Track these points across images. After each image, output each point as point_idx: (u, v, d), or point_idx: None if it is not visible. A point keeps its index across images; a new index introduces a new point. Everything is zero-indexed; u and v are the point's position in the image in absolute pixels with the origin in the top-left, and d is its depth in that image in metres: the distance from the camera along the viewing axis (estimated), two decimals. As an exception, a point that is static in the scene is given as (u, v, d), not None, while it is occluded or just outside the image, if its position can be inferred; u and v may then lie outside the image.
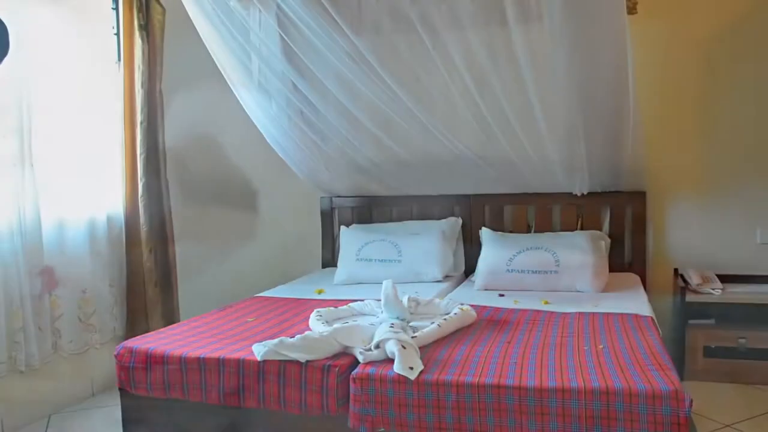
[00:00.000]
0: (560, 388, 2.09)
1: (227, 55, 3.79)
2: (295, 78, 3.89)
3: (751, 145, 3.91)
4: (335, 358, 2.38)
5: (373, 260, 3.94)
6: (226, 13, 3.61)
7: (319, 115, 4.02)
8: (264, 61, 3.89)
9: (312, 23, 3.50)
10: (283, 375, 2.36)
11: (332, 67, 3.78)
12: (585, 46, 3.37)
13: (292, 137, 4.14)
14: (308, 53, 3.76)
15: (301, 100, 3.98)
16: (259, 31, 3.79)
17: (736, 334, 3.54)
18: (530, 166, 3.93)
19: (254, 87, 3.93)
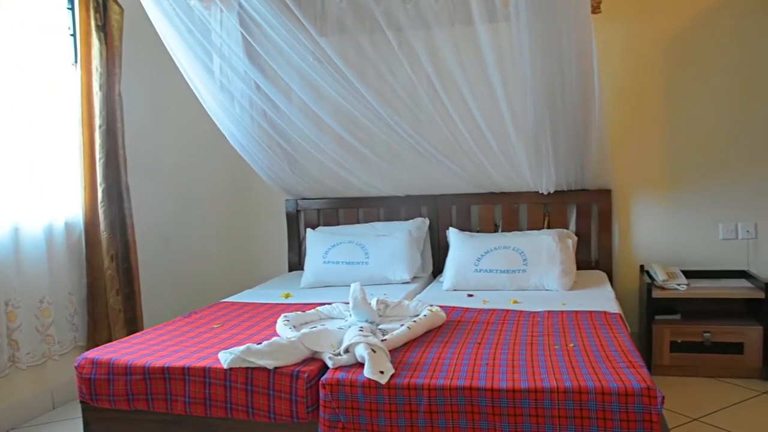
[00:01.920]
0: (533, 389, 2.08)
1: (188, 56, 3.71)
2: (258, 78, 3.84)
3: (713, 143, 3.97)
4: (304, 364, 2.34)
5: (340, 263, 3.90)
6: (186, 13, 3.54)
7: (283, 115, 3.97)
8: (226, 62, 3.82)
9: (275, 23, 3.46)
10: (251, 383, 2.31)
11: (296, 67, 3.74)
12: (550, 45, 3.39)
13: (255, 139, 4.07)
14: (271, 53, 3.71)
15: (264, 101, 3.93)
16: (221, 30, 3.73)
17: (701, 328, 3.58)
18: (497, 165, 3.94)
19: (216, 88, 3.86)
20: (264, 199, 4.61)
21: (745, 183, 3.95)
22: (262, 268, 4.59)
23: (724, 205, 3.99)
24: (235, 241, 4.70)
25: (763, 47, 3.85)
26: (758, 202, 3.95)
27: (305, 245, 4.24)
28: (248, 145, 4.12)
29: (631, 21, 3.96)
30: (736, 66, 3.90)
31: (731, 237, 4.00)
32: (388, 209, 4.34)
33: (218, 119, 4.02)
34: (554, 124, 3.66)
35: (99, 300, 3.67)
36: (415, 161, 4.04)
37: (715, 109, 3.95)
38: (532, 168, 3.87)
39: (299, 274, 4.12)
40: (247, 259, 4.68)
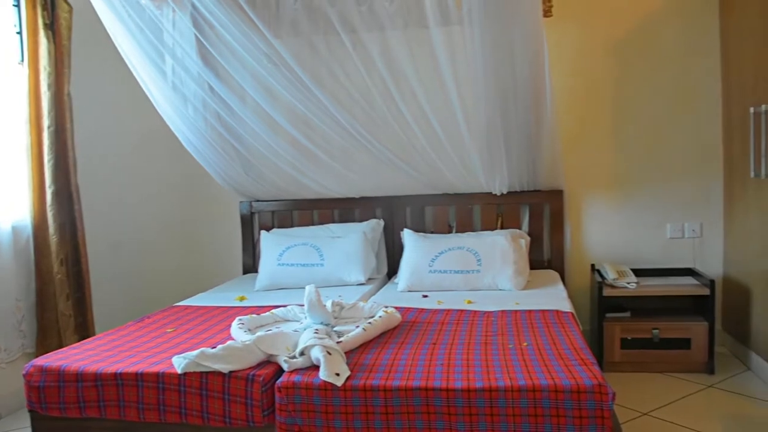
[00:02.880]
0: (487, 388, 2.11)
1: (139, 56, 3.66)
2: (212, 80, 3.80)
3: (661, 145, 4.08)
4: (259, 368, 2.32)
5: (295, 265, 3.88)
6: (138, 12, 3.49)
7: (236, 117, 3.94)
8: (178, 63, 3.78)
9: (229, 24, 3.43)
10: (206, 387, 2.29)
11: (250, 69, 3.72)
12: (503, 48, 3.44)
13: (209, 140, 4.03)
14: (225, 55, 3.69)
15: (218, 103, 3.90)
16: (173, 31, 3.69)
17: (650, 325, 3.67)
18: (451, 166, 3.98)
19: (168, 89, 3.81)
20: (218, 201, 4.57)
21: (691, 184, 4.07)
22: (216, 271, 4.54)
23: (671, 205, 4.11)
24: (189, 243, 4.65)
25: (706, 50, 3.98)
26: (703, 203, 4.08)
27: (260, 247, 4.22)
28: (201, 147, 4.08)
29: (582, 25, 4.05)
30: (681, 69, 4.02)
31: (678, 236, 4.12)
32: (342, 211, 4.34)
33: (171, 120, 3.96)
34: (507, 125, 3.71)
35: (48, 305, 3.59)
36: (369, 163, 4.05)
37: (661, 112, 4.06)
38: (486, 169, 3.92)
39: (254, 276, 4.09)
40: (201, 262, 4.63)
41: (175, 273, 4.60)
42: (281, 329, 2.65)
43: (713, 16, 3.96)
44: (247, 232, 4.48)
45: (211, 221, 4.62)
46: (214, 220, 4.62)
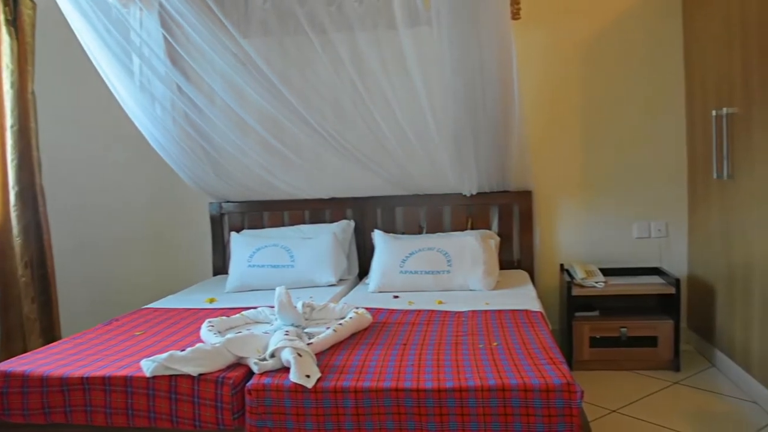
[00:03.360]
0: (458, 388, 2.12)
1: (106, 55, 3.61)
2: (180, 80, 3.77)
3: (627, 146, 4.14)
4: (229, 370, 2.31)
5: (265, 266, 3.86)
6: (104, 10, 3.45)
7: (205, 118, 3.91)
8: (146, 62, 3.74)
9: (197, 24, 3.41)
10: (175, 390, 2.27)
11: (219, 70, 3.70)
12: (471, 49, 3.47)
13: (177, 141, 3.99)
14: (193, 55, 3.66)
15: (186, 103, 3.87)
16: (140, 30, 3.64)
17: (618, 323, 3.72)
18: (421, 167, 3.99)
19: (136, 88, 3.76)
20: (187, 202, 4.52)
21: (656, 184, 4.14)
22: (185, 273, 4.50)
23: (637, 205, 4.17)
24: (158, 245, 4.59)
25: (670, 53, 4.04)
26: (669, 203, 4.14)
27: (230, 249, 4.19)
28: (170, 148, 4.04)
29: (550, 27, 4.09)
30: (647, 72, 4.07)
31: (644, 236, 4.18)
32: (313, 212, 4.33)
33: (138, 120, 3.92)
34: (476, 126, 3.74)
35: (12, 309, 3.52)
36: (340, 164, 4.05)
37: (628, 114, 4.12)
38: (455, 170, 3.94)
39: (224, 278, 4.06)
40: (170, 263, 4.58)
41: (143, 275, 4.54)
42: (251, 331, 2.63)
43: (677, 21, 4.02)
44: (216, 234, 4.44)
45: (180, 222, 4.57)
46: (184, 222, 4.57)
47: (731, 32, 3.34)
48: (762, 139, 3.03)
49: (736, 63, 3.28)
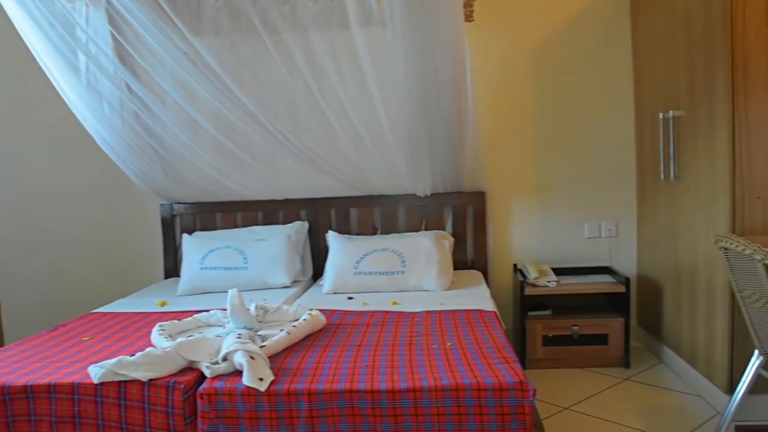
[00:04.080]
0: (411, 389, 2.12)
1: (49, 51, 3.51)
2: (129, 79, 3.69)
3: (578, 147, 4.20)
4: (180, 375, 2.26)
5: (218, 268, 3.81)
6: (47, 5, 3.34)
7: (156, 118, 3.84)
8: (93, 60, 3.64)
9: (146, 21, 3.34)
10: (124, 397, 2.21)
11: (170, 69, 3.64)
12: (425, 50, 3.47)
13: (127, 141, 3.91)
14: (143, 53, 3.59)
15: (136, 103, 3.78)
16: (87, 27, 3.55)
17: (570, 322, 3.78)
18: (375, 168, 3.99)
19: (82, 87, 3.67)
20: (137, 204, 4.42)
21: (607, 185, 4.22)
22: (136, 276, 4.40)
23: (589, 206, 4.24)
24: (106, 247, 4.48)
25: (620, 57, 4.12)
26: (619, 204, 4.23)
27: (181, 251, 4.11)
28: (119, 148, 3.95)
29: (503, 30, 4.12)
30: (598, 74, 4.15)
31: (595, 236, 4.26)
32: (266, 213, 4.29)
33: (85, 119, 3.82)
34: (430, 127, 3.75)
35: (-47, 315, 3.41)
36: (293, 165, 4.02)
37: (579, 115, 4.18)
38: (409, 171, 3.95)
39: (176, 281, 3.99)
40: (119, 266, 4.47)
41: (92, 279, 4.43)
42: (203, 334, 2.60)
43: (626, 25, 4.11)
44: (168, 235, 4.36)
45: (130, 224, 4.48)
46: (133, 224, 4.47)
47: (677, 37, 3.42)
48: (706, 141, 3.12)
49: (682, 67, 3.36)
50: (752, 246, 2.20)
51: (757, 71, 2.84)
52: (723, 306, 3.00)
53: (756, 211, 2.90)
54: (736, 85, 2.85)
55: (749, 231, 2.89)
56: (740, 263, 2.35)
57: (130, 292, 3.97)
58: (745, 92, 2.85)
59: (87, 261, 4.46)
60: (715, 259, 3.04)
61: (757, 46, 2.83)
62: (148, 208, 4.41)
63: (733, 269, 2.43)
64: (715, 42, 2.98)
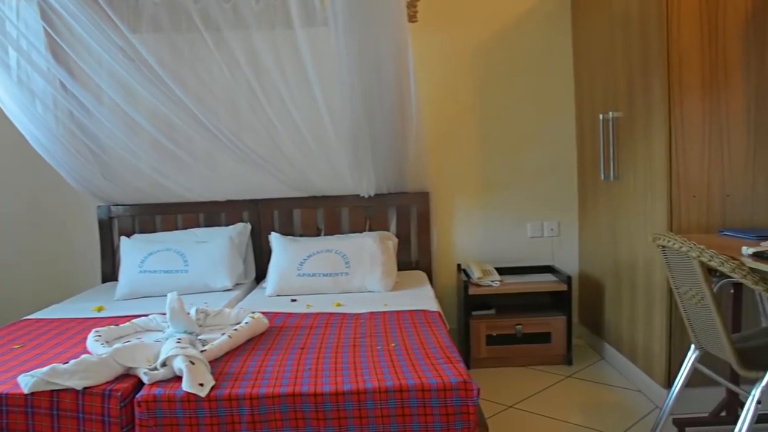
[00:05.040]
0: (355, 391, 2.10)
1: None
2: (63, 77, 3.58)
3: (520, 148, 4.25)
4: (117, 382, 2.19)
5: (157, 271, 3.71)
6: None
7: (92, 117, 3.73)
8: (24, 56, 3.52)
9: (82, 17, 3.24)
10: (57, 407, 2.13)
11: (107, 66, 3.54)
12: (368, 50, 3.47)
13: (61, 141, 3.78)
14: (78, 50, 3.49)
15: (71, 101, 3.67)
16: (17, 21, 3.42)
17: (513, 321, 3.82)
18: (318, 169, 3.96)
19: (13, 84, 3.53)
20: (72, 206, 4.28)
21: (549, 185, 4.28)
22: (71, 281, 4.26)
23: (531, 205, 4.30)
24: (41, 251, 4.32)
25: (561, 59, 4.19)
26: (560, 203, 4.30)
27: (119, 254, 3.99)
28: (53, 148, 3.82)
29: (447, 30, 4.15)
30: (540, 76, 4.21)
31: (538, 235, 4.31)
32: (208, 215, 4.20)
33: (16, 118, 3.69)
34: (373, 128, 3.74)
35: None
36: (235, 165, 3.96)
37: (522, 116, 4.23)
38: (353, 171, 3.93)
39: (114, 285, 3.88)
40: (54, 271, 4.32)
41: (24, 284, 4.28)
42: (142, 340, 2.52)
43: (567, 27, 4.18)
44: (105, 238, 4.23)
45: (66, 227, 4.33)
46: (69, 227, 4.33)
47: (615, 39, 3.49)
48: (644, 142, 3.19)
49: (620, 69, 3.43)
50: (689, 243, 2.25)
51: (692, 75, 2.93)
52: (661, 303, 3.07)
53: (692, 210, 2.98)
54: (672, 88, 2.93)
55: (686, 229, 2.97)
56: (677, 261, 2.40)
57: (65, 297, 3.84)
58: (680, 95, 2.93)
59: (19, 266, 4.30)
60: (653, 257, 3.12)
61: (691, 50, 2.92)
62: (84, 210, 4.27)
63: (671, 267, 2.48)
64: (651, 45, 3.05)
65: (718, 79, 2.94)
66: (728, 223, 2.99)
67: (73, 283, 4.23)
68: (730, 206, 2.99)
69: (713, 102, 2.95)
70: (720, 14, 2.92)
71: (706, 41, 2.93)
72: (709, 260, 2.18)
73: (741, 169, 2.98)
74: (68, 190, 4.15)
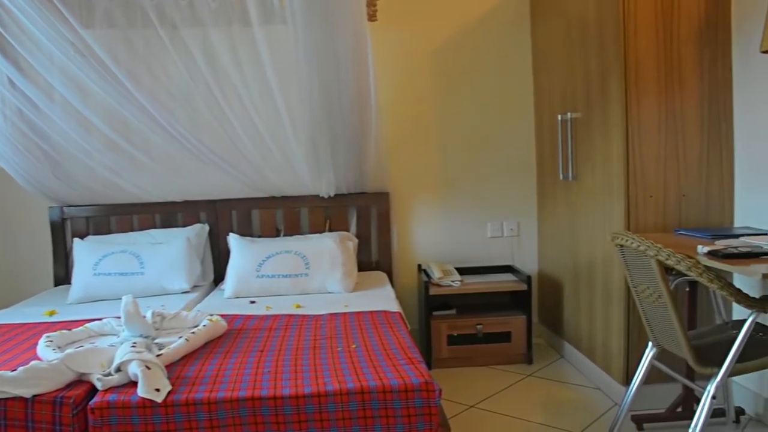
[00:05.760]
0: (316, 393, 2.07)
1: None
2: (11, 73, 3.47)
3: (480, 148, 4.27)
4: (69, 389, 2.11)
5: (112, 274, 3.63)
6: None
7: (43, 115, 3.62)
8: (-31, 52, 3.40)
9: (31, 11, 3.14)
10: (4, 416, 2.04)
11: (58, 62, 3.44)
12: (327, 49, 3.45)
13: (10, 140, 3.67)
14: (27, 45, 3.38)
15: (20, 98, 3.56)
16: (-40, 15, 3.30)
17: (474, 321, 3.83)
18: (277, 169, 3.91)
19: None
20: (22, 207, 4.15)
21: (508, 185, 4.30)
22: (22, 284, 4.14)
23: (491, 205, 4.32)
24: (-11, 254, 4.20)
25: (520, 59, 4.22)
26: (520, 203, 4.32)
27: (73, 256, 3.89)
28: (1, 147, 3.70)
29: (407, 30, 4.14)
30: (499, 76, 4.23)
31: (498, 235, 4.33)
32: (164, 216, 4.12)
33: (-39, 117, 3.56)
34: (332, 128, 3.72)
35: None
36: (193, 165, 3.89)
37: (482, 116, 4.25)
38: (312, 172, 3.90)
39: (66, 288, 3.77)
40: (3, 274, 4.19)
41: (-28, 287, 4.14)
42: (95, 345, 2.45)
43: (526, 28, 4.21)
44: (58, 240, 4.11)
45: (16, 229, 4.19)
46: (19, 228, 4.19)
47: (573, 42, 3.53)
48: (601, 143, 3.22)
49: (578, 70, 3.46)
50: (646, 242, 2.28)
51: (647, 77, 2.98)
52: (619, 301, 3.10)
53: (649, 210, 3.02)
54: (629, 90, 2.98)
55: (642, 228, 3.01)
56: (635, 259, 2.43)
57: (15, 301, 3.72)
58: (637, 96, 2.98)
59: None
60: (611, 256, 3.15)
61: (647, 53, 2.97)
62: (35, 212, 4.15)
63: (629, 265, 2.51)
64: (608, 49, 3.09)
65: (674, 81, 3.00)
66: (684, 222, 3.05)
67: (23, 287, 4.11)
68: (686, 206, 3.05)
69: (669, 104, 3.00)
70: (675, 20, 2.98)
71: (661, 45, 2.98)
72: (666, 259, 2.21)
73: (696, 170, 3.04)
74: (18, 191, 4.03)
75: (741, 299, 2.21)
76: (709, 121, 3.03)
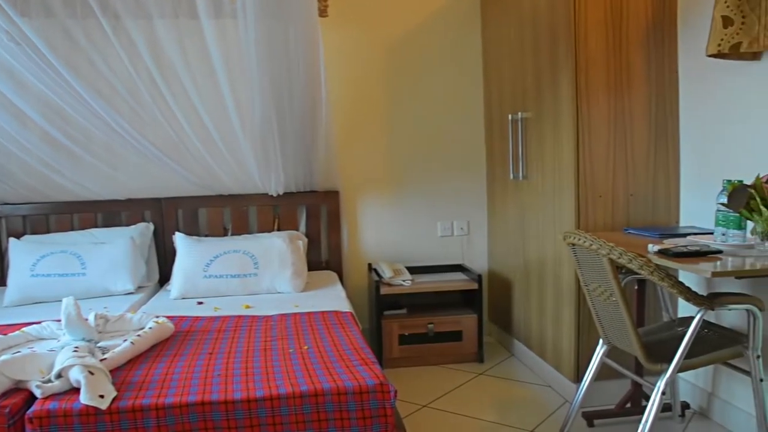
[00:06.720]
0: (268, 397, 2.01)
1: None
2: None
3: (430, 147, 4.27)
4: (4, 397, 2.00)
5: (51, 275, 3.48)
6: None
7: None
8: None
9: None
10: (-66, 426, 1.93)
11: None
12: (278, 45, 3.40)
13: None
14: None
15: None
16: None
17: (425, 320, 3.81)
18: (225, 166, 3.83)
19: None
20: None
21: (458, 184, 4.31)
22: (-48, 286, 3.94)
23: (441, 204, 4.32)
24: None
25: (471, 59, 4.24)
26: (470, 203, 4.34)
27: (8, 257, 3.72)
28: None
29: (358, 27, 4.10)
30: (449, 75, 4.23)
31: (448, 234, 4.34)
32: (107, 214, 3.98)
33: None
34: (282, 125, 3.67)
35: None
36: (136, 162, 3.79)
37: (432, 115, 4.24)
38: (261, 169, 3.83)
39: (1, 290, 3.61)
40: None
41: None
42: (33, 350, 2.33)
43: (477, 27, 4.22)
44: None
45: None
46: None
47: (523, 42, 3.55)
48: (551, 143, 3.25)
49: (529, 70, 3.48)
50: (598, 241, 2.29)
51: (597, 78, 3.01)
52: (570, 300, 3.13)
53: (598, 209, 3.06)
54: (579, 90, 3.01)
55: (592, 228, 3.05)
56: (587, 258, 2.44)
57: (-55, 304, 3.53)
58: (587, 97, 3.01)
59: None
60: (562, 255, 3.18)
61: (597, 54, 3.01)
62: (-33, 210, 3.96)
63: (581, 264, 2.52)
64: (559, 49, 3.11)
65: (623, 82, 3.04)
66: (632, 221, 3.10)
67: (-46, 289, 3.91)
68: (634, 205, 3.10)
69: (618, 105, 3.04)
70: (624, 22, 3.03)
71: (611, 47, 3.02)
72: (618, 257, 2.23)
73: (643, 170, 3.09)
74: (-52, 188, 3.83)
75: (690, 297, 2.24)
76: (656, 121, 3.08)
